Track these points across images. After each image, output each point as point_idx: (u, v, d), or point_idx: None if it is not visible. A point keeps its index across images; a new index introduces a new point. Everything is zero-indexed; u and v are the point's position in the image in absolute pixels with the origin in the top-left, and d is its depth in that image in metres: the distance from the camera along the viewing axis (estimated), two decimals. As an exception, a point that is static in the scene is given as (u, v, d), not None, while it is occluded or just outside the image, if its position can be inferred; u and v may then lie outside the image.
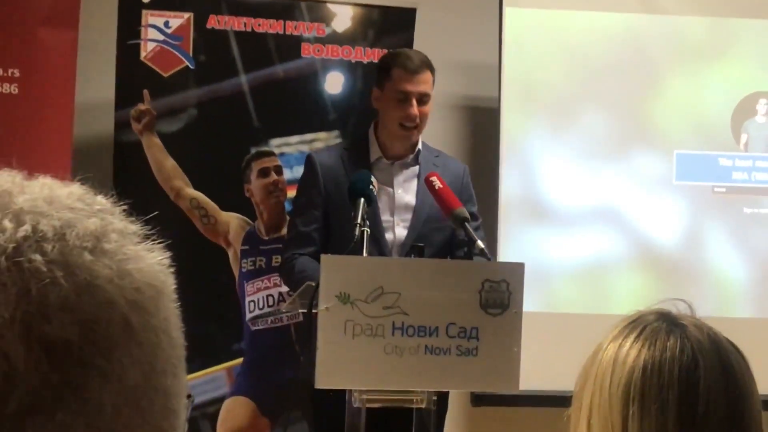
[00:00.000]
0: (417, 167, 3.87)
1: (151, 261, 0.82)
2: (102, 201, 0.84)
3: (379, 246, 3.71)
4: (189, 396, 0.88)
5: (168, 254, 0.85)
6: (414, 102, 3.76)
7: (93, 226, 0.79)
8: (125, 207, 0.85)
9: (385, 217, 3.81)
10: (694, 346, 1.39)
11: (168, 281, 0.84)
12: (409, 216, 3.83)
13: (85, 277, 0.76)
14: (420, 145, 3.89)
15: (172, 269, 0.85)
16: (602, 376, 1.41)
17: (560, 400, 1.56)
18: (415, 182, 3.86)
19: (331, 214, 3.79)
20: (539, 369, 4.54)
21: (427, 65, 3.82)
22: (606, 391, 1.40)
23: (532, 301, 4.36)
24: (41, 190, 0.81)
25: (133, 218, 0.85)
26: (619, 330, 1.44)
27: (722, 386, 1.38)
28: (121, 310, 0.77)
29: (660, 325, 1.43)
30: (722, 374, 1.39)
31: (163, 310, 0.81)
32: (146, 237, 0.85)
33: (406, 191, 3.86)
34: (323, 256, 3.16)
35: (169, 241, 0.87)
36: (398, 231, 3.83)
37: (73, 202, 0.81)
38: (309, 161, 3.90)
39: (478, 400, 4.93)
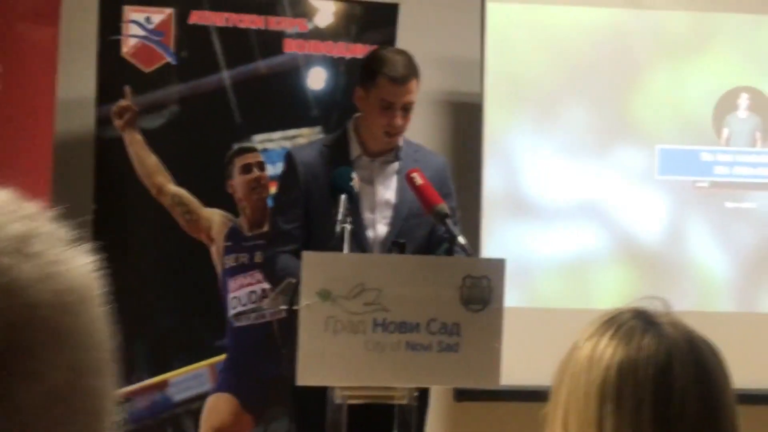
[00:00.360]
0: (397, 163, 3.87)
1: (78, 264, 0.83)
2: (30, 206, 0.84)
3: (360, 243, 3.71)
4: (127, 400, 0.90)
5: (95, 258, 0.86)
6: (398, 112, 3.75)
7: (18, 231, 0.80)
8: (57, 211, 0.86)
9: (366, 214, 3.81)
10: (669, 345, 1.40)
11: (94, 285, 0.85)
12: (389, 213, 3.84)
13: (7, 280, 0.77)
14: (401, 142, 3.89)
15: (99, 273, 0.86)
16: (578, 375, 1.41)
17: (543, 395, 1.56)
18: (395, 178, 3.86)
19: (311, 211, 3.79)
20: (522, 364, 4.55)
21: (413, 72, 3.79)
22: (581, 390, 1.40)
23: (514, 297, 4.37)
24: None
25: (62, 223, 0.86)
26: (596, 328, 1.44)
27: (696, 385, 1.38)
28: (45, 312, 0.78)
29: (636, 324, 1.43)
30: (697, 373, 1.39)
31: (88, 313, 0.82)
32: (74, 241, 0.85)
33: (386, 188, 3.86)
34: (304, 253, 3.17)
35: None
36: (379, 228, 3.83)
37: None
38: (288, 158, 3.90)
39: (461, 395, 4.93)
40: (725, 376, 1.41)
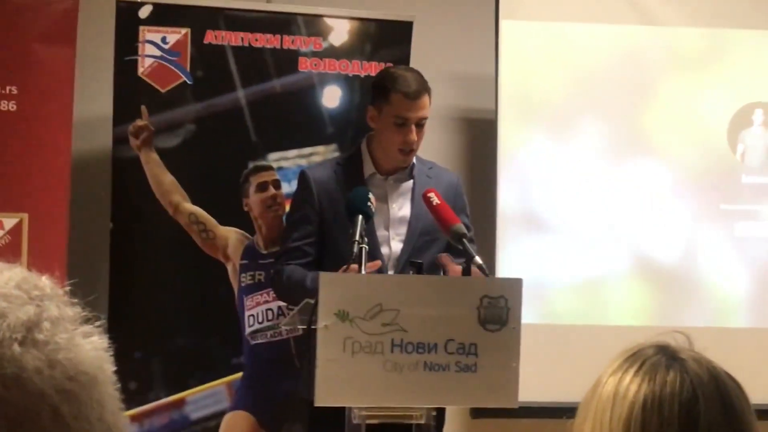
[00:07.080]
0: (411, 181, 3.89)
1: (87, 347, 0.82)
2: (43, 285, 0.84)
3: (375, 260, 3.71)
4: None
5: (105, 338, 0.84)
6: (413, 127, 3.78)
7: (25, 316, 0.79)
8: (70, 286, 0.85)
9: (380, 231, 3.83)
10: (693, 381, 1.40)
11: (104, 366, 0.84)
12: (404, 230, 3.86)
13: (13, 370, 0.76)
14: (414, 160, 3.90)
15: (109, 353, 0.84)
16: (602, 411, 1.41)
17: (559, 411, 1.57)
18: (409, 196, 3.89)
19: (325, 228, 3.81)
20: (537, 380, 4.55)
21: (425, 88, 3.82)
22: (606, 427, 1.40)
23: (529, 313, 4.37)
24: None
25: (75, 301, 0.85)
26: (619, 364, 1.45)
27: (722, 421, 1.39)
28: (51, 401, 0.77)
29: (659, 359, 1.43)
30: (722, 409, 1.39)
31: (96, 397, 0.81)
32: (84, 319, 0.84)
33: (400, 206, 3.88)
34: (322, 274, 3.17)
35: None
36: (393, 245, 3.85)
37: (10, 289, 0.81)
38: (302, 177, 3.93)
39: (477, 412, 4.94)
40: (750, 412, 1.41)
